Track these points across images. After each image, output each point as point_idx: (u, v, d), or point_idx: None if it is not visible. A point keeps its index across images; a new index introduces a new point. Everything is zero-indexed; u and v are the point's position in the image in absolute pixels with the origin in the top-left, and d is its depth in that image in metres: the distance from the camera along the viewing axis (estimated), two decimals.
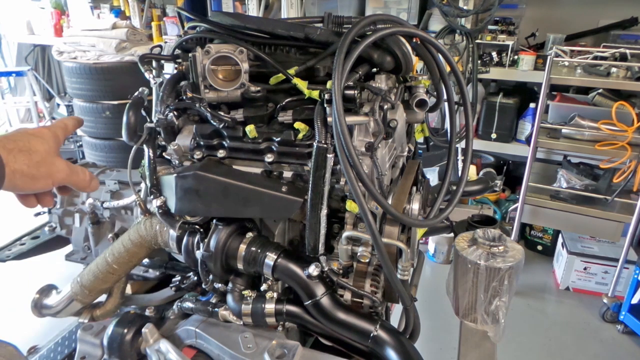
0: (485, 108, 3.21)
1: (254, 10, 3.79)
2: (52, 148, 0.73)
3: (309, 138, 0.91)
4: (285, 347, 0.89)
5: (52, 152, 0.73)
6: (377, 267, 0.95)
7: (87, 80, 3.74)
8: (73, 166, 0.76)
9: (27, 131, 0.72)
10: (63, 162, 0.74)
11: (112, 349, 0.94)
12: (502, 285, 0.93)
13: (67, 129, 0.83)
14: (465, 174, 0.99)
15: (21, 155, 0.67)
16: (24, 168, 0.67)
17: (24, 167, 0.67)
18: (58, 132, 0.78)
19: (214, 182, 0.89)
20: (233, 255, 0.92)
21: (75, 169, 0.77)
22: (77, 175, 0.77)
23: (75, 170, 0.76)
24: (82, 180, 0.78)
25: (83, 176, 0.78)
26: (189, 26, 1.05)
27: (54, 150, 0.74)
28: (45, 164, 0.71)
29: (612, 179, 2.68)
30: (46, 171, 0.71)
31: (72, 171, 0.75)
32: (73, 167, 0.76)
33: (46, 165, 0.71)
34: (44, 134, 0.74)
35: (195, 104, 0.94)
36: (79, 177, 0.77)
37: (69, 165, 0.75)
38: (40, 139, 0.72)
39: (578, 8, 3.36)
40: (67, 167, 0.75)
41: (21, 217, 1.49)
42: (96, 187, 0.81)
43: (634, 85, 2.50)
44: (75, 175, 0.76)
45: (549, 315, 2.86)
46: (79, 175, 0.77)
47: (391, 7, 3.41)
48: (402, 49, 0.93)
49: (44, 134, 0.74)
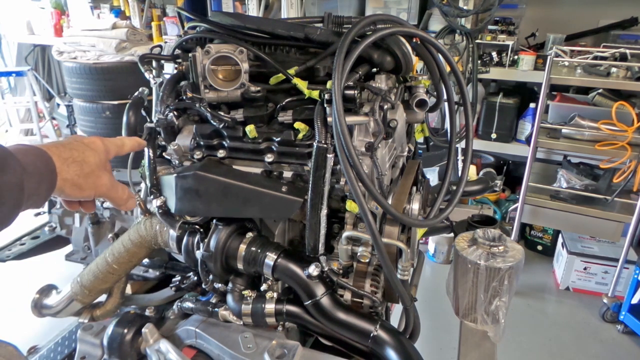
0: (485, 108, 3.21)
1: (254, 10, 3.79)
2: (102, 161, 0.76)
3: (309, 138, 0.91)
4: (285, 347, 0.89)
5: (102, 165, 0.75)
6: (377, 267, 0.95)
7: (87, 80, 3.74)
8: (116, 183, 0.79)
9: (82, 141, 0.75)
10: (108, 177, 0.77)
11: (112, 349, 0.94)
12: (502, 285, 0.93)
13: (122, 149, 0.85)
14: (465, 174, 0.99)
15: (74, 165, 0.70)
16: (74, 178, 0.70)
17: (74, 177, 0.70)
18: (111, 147, 0.81)
19: (214, 182, 0.89)
20: (233, 255, 0.92)
21: (117, 185, 0.79)
22: (116, 192, 0.79)
23: (116, 188, 0.79)
24: (120, 198, 0.80)
25: (122, 194, 0.80)
26: (189, 26, 1.05)
27: (103, 163, 0.76)
28: (93, 176, 0.73)
29: (612, 179, 2.68)
30: (92, 183, 0.73)
31: (113, 187, 0.78)
32: (116, 183, 0.79)
33: (94, 177, 0.73)
34: (97, 146, 0.76)
35: (195, 104, 0.94)
36: (117, 194, 0.79)
37: (111, 181, 0.78)
38: (94, 151, 0.75)
39: (578, 8, 3.36)
40: (110, 182, 0.77)
41: (21, 217, 1.49)
42: (132, 206, 0.83)
43: (634, 85, 2.50)
44: (115, 192, 0.79)
45: (549, 315, 2.86)
46: (118, 192, 0.79)
47: (391, 7, 3.41)
48: (402, 49, 0.94)
49: (98, 146, 0.76)
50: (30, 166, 0.62)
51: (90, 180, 0.73)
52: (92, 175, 0.73)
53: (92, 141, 0.77)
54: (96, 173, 0.74)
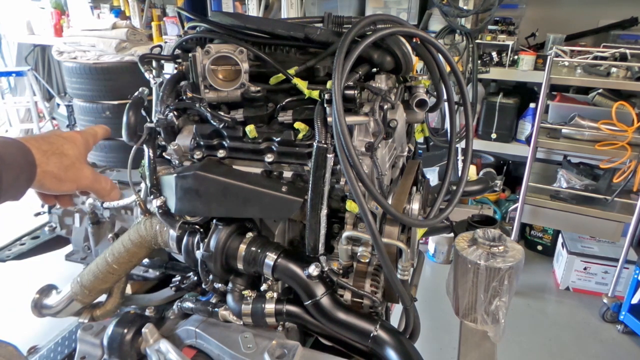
0: (485, 108, 3.21)
1: (254, 10, 3.79)
2: (81, 154, 0.75)
3: (309, 138, 0.91)
4: (285, 347, 0.89)
5: (82, 157, 0.75)
6: (377, 267, 0.95)
7: (87, 80, 3.75)
8: (98, 174, 0.79)
9: (61, 135, 0.74)
10: (89, 169, 0.77)
11: (112, 349, 0.94)
12: (502, 285, 0.93)
13: (96, 137, 0.85)
14: (465, 174, 0.99)
15: (54, 157, 0.69)
16: (54, 170, 0.69)
17: (54, 169, 0.69)
18: (89, 138, 0.80)
19: (214, 182, 0.89)
20: (233, 255, 0.92)
21: (99, 177, 0.79)
22: (99, 184, 0.79)
23: (99, 179, 0.79)
24: (104, 189, 0.80)
25: (105, 185, 0.80)
26: (189, 26, 1.05)
27: (83, 156, 0.76)
28: (74, 169, 0.73)
29: (612, 179, 2.68)
30: (73, 175, 0.73)
31: (95, 179, 0.78)
32: (97, 175, 0.79)
33: (74, 170, 0.73)
34: (76, 139, 0.76)
35: (195, 104, 0.94)
36: (101, 185, 0.79)
37: (93, 173, 0.77)
38: (72, 143, 0.74)
39: (578, 8, 3.36)
40: (92, 175, 0.77)
41: (21, 217, 1.49)
42: (116, 197, 0.84)
43: (634, 85, 2.50)
44: (98, 184, 0.79)
45: (549, 315, 2.86)
46: (102, 184, 0.79)
47: (391, 7, 3.41)
48: (402, 49, 0.93)
49: (76, 139, 0.76)
50: (8, 158, 0.61)
51: (70, 172, 0.72)
52: (73, 167, 0.73)
53: (71, 135, 0.76)
54: (77, 165, 0.74)
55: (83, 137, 0.78)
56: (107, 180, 0.81)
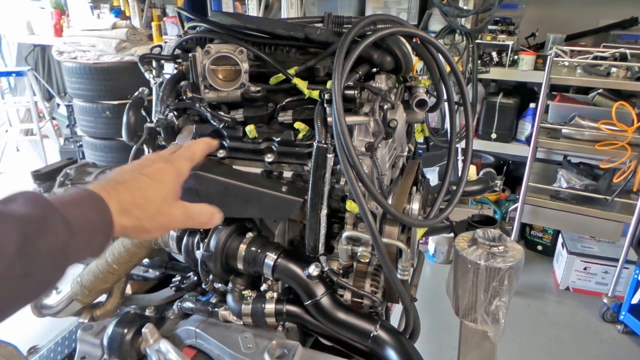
0: (485, 108, 3.21)
1: (254, 10, 3.78)
2: (170, 193, 0.66)
3: (309, 138, 0.91)
4: (285, 347, 0.89)
5: (170, 198, 0.65)
6: (377, 267, 0.95)
7: (87, 80, 3.75)
8: (190, 209, 0.68)
9: (148, 174, 0.64)
10: (180, 209, 0.67)
11: (112, 349, 0.94)
12: (502, 285, 0.93)
13: (194, 158, 0.74)
14: (465, 174, 0.99)
15: (136, 209, 0.60)
16: (136, 224, 0.61)
17: (137, 222, 0.61)
18: (183, 166, 0.70)
19: (214, 182, 0.89)
20: (233, 255, 0.92)
21: (192, 213, 0.69)
22: (193, 220, 0.69)
23: (192, 216, 0.69)
24: (200, 224, 0.71)
25: (200, 218, 0.70)
26: (189, 26, 1.05)
27: (173, 194, 0.66)
28: (161, 216, 0.64)
29: (612, 179, 2.68)
30: (160, 223, 0.64)
31: (188, 217, 0.68)
32: (190, 212, 0.68)
33: (162, 216, 0.64)
34: (165, 175, 0.66)
35: (195, 104, 0.94)
36: (195, 221, 0.70)
37: (184, 211, 0.67)
38: (160, 184, 0.64)
39: (578, 8, 3.36)
40: (184, 214, 0.67)
41: None
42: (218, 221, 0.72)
43: (634, 85, 2.50)
44: (192, 221, 0.69)
45: (549, 315, 2.86)
46: (195, 219, 0.69)
47: (391, 7, 3.41)
48: (402, 49, 0.93)
49: (165, 175, 0.66)
50: (79, 220, 0.53)
51: (157, 220, 0.63)
52: (159, 215, 0.63)
53: (160, 170, 0.65)
54: (163, 211, 0.64)
55: (175, 169, 0.68)
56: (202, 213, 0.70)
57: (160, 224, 0.64)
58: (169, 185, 0.66)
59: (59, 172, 1.38)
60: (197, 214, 0.69)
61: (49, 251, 0.49)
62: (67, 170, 1.37)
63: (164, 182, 0.65)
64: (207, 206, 0.71)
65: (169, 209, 0.65)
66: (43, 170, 1.40)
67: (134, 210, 0.60)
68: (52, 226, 0.50)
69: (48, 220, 0.50)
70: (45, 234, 0.49)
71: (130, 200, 0.60)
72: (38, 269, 0.49)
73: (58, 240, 0.50)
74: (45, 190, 1.39)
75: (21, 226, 0.48)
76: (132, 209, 0.60)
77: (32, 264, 0.48)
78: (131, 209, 0.60)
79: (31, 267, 0.48)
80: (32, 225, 0.48)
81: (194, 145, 0.75)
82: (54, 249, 0.50)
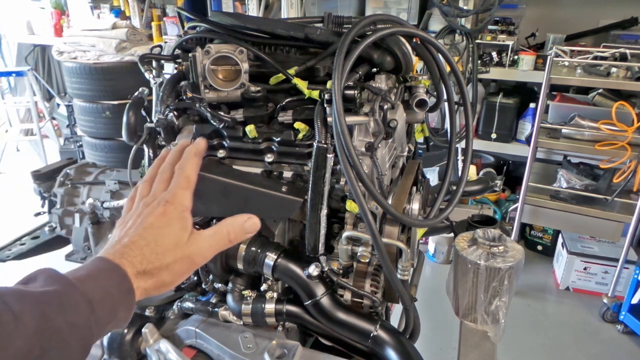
0: (485, 108, 3.21)
1: (254, 10, 3.79)
2: (181, 233, 0.62)
3: (309, 138, 0.91)
4: (285, 347, 0.89)
5: (183, 239, 0.62)
6: (377, 267, 0.95)
7: (87, 80, 3.75)
8: (210, 236, 0.64)
9: (150, 225, 0.61)
10: (197, 243, 0.63)
11: (112, 349, 0.94)
12: (502, 285, 0.93)
13: (191, 183, 0.69)
14: (465, 174, 0.99)
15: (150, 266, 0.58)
16: (155, 281, 0.58)
17: (155, 280, 0.58)
18: (184, 199, 0.66)
19: (214, 182, 0.89)
20: (233, 255, 0.92)
21: (217, 236, 0.65)
22: (218, 245, 0.65)
23: (217, 240, 0.65)
24: (232, 241, 0.67)
25: (234, 237, 0.66)
26: (189, 26, 1.05)
27: (184, 233, 0.62)
28: (178, 262, 0.60)
29: (612, 179, 2.68)
30: (180, 268, 0.61)
31: (211, 245, 0.64)
32: (210, 238, 0.64)
33: (178, 263, 0.60)
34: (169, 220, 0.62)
35: (195, 104, 0.94)
36: (221, 244, 0.65)
37: (204, 241, 0.63)
38: (166, 229, 0.61)
39: (578, 8, 3.36)
40: (208, 245, 0.64)
41: (21, 217, 1.49)
42: (256, 225, 0.69)
43: (634, 85, 2.50)
44: (217, 246, 0.65)
45: (549, 315, 2.86)
46: (221, 243, 0.65)
47: (391, 7, 3.41)
48: (402, 49, 0.93)
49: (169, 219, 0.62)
50: (98, 294, 0.52)
51: (176, 267, 0.60)
52: (177, 262, 0.60)
53: (161, 216, 0.62)
54: (179, 254, 0.60)
55: (176, 207, 0.63)
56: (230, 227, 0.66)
57: (179, 270, 0.61)
58: (175, 226, 0.62)
59: (59, 172, 1.38)
60: (221, 236, 0.65)
61: (71, 327, 0.48)
62: (67, 170, 1.38)
63: (170, 225, 0.62)
64: (234, 219, 0.66)
65: (185, 251, 0.61)
66: (43, 170, 1.40)
67: (148, 268, 0.58)
68: (70, 301, 0.49)
69: (66, 296, 0.50)
70: (64, 311, 0.48)
71: (141, 260, 0.57)
72: (58, 347, 0.47)
73: (79, 317, 0.49)
74: (46, 190, 1.39)
75: (41, 303, 0.48)
76: (147, 268, 0.58)
77: (52, 341, 0.47)
78: (146, 268, 0.57)
79: (50, 344, 0.47)
80: (52, 302, 0.48)
81: (186, 168, 0.70)
82: (76, 325, 0.49)
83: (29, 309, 0.46)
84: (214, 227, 0.67)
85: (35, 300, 0.48)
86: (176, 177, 0.69)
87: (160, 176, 0.72)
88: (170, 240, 0.60)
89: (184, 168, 0.71)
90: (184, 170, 0.70)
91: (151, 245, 0.59)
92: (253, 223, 0.69)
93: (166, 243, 0.60)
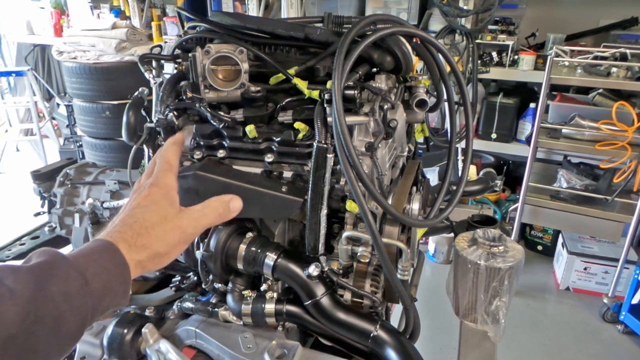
0: (485, 108, 3.21)
1: (254, 10, 3.79)
2: (167, 210, 0.65)
3: (309, 138, 0.91)
4: (285, 347, 0.89)
5: (170, 214, 0.65)
6: (377, 267, 0.95)
7: (87, 80, 3.75)
8: (200, 212, 0.68)
9: (137, 204, 0.65)
10: (187, 215, 0.67)
11: (112, 349, 0.94)
12: (502, 285, 0.93)
13: (172, 165, 0.74)
14: (465, 174, 0.99)
15: (141, 239, 0.61)
16: (148, 253, 0.61)
17: (148, 251, 0.61)
18: (167, 179, 0.70)
19: (214, 182, 0.89)
20: (233, 255, 0.92)
21: (203, 212, 0.69)
22: (207, 219, 0.69)
23: (204, 215, 0.69)
24: (220, 217, 0.71)
25: (215, 212, 0.70)
26: (189, 26, 1.05)
27: (171, 209, 0.66)
28: (169, 232, 0.64)
29: (612, 179, 2.69)
30: (173, 239, 0.64)
31: (201, 217, 0.68)
32: (200, 212, 0.68)
33: (170, 233, 0.64)
34: (154, 198, 0.66)
35: (195, 104, 0.94)
36: (210, 219, 0.69)
37: (194, 214, 0.67)
38: (152, 205, 0.65)
39: (578, 8, 3.37)
40: (194, 218, 0.67)
41: (21, 217, 1.49)
42: (238, 206, 0.73)
43: (634, 85, 2.50)
44: (206, 220, 0.69)
45: (549, 315, 2.86)
46: (210, 216, 0.69)
47: (391, 7, 3.41)
48: (402, 49, 0.93)
49: (154, 197, 0.66)
50: (91, 267, 0.54)
51: (168, 239, 0.63)
52: (166, 233, 0.63)
53: (147, 196, 0.66)
54: (169, 228, 0.64)
55: (161, 187, 0.68)
56: (214, 205, 0.70)
57: (172, 241, 0.64)
58: (161, 203, 0.66)
59: (58, 172, 1.38)
60: (210, 210, 0.69)
61: (64, 296, 0.50)
62: (67, 170, 1.38)
63: (156, 202, 0.66)
64: (219, 197, 0.71)
65: (175, 223, 0.65)
66: (43, 170, 1.40)
67: (139, 241, 0.61)
68: (62, 271, 0.51)
69: (57, 265, 0.52)
70: (57, 281, 0.50)
71: (132, 235, 0.61)
72: (52, 315, 0.49)
73: (72, 286, 0.51)
74: (45, 190, 1.39)
75: (34, 273, 0.50)
76: (138, 241, 0.61)
77: (45, 309, 0.49)
78: (137, 241, 0.60)
79: (44, 312, 0.48)
80: (44, 272, 0.50)
81: (165, 154, 0.76)
82: (69, 294, 0.51)
83: (23, 280, 0.49)
84: (203, 202, 0.71)
85: (28, 271, 0.50)
86: (158, 163, 0.75)
87: (146, 170, 0.78)
88: (157, 214, 0.64)
89: (163, 154, 0.76)
90: (164, 156, 0.76)
91: (140, 222, 0.63)
92: (237, 203, 0.74)
93: (154, 218, 0.64)
